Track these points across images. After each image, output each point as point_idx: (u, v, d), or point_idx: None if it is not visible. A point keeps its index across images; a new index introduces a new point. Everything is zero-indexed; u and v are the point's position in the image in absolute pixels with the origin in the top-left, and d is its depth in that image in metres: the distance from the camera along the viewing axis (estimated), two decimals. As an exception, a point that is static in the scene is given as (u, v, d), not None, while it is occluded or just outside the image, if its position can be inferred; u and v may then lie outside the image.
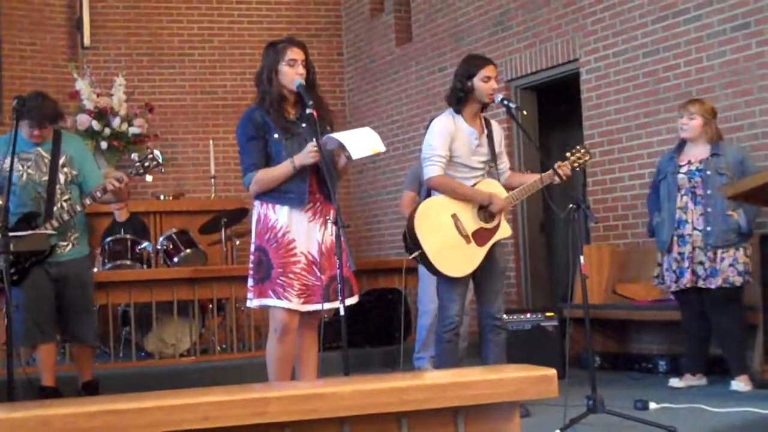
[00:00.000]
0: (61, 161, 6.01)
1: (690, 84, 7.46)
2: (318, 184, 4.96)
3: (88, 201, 5.90)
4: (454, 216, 5.50)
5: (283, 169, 4.89)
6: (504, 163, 5.80)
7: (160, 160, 5.89)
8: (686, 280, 6.27)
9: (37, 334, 5.96)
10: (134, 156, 6.06)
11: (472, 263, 5.50)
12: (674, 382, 6.49)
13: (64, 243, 6.01)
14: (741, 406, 5.41)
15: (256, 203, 5.04)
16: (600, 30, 8.30)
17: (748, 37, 7.02)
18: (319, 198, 4.98)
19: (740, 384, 6.12)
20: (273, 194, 4.94)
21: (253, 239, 5.03)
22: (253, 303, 4.99)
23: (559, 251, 9.89)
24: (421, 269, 7.22)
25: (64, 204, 5.96)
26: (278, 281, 4.87)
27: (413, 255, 5.54)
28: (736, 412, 5.31)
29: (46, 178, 5.96)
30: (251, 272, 5.00)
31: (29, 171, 5.95)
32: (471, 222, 5.52)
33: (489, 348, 5.63)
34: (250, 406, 2.88)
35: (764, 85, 6.92)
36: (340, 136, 4.88)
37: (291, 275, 4.87)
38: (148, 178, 6.07)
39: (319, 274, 4.92)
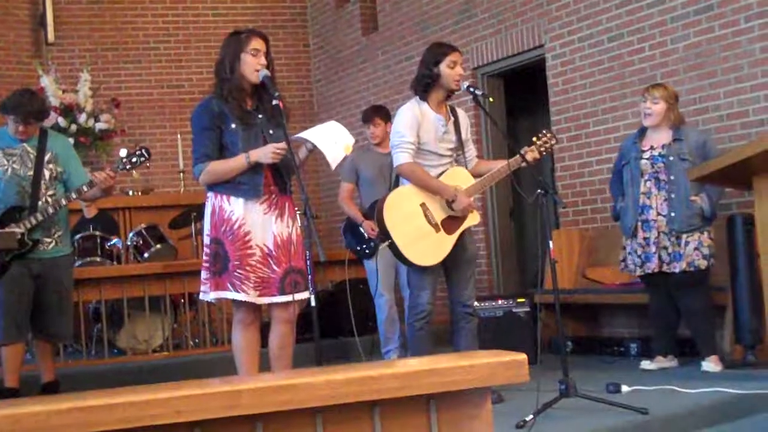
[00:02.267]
0: (46, 158, 6.02)
1: (655, 67, 7.51)
2: (273, 177, 4.96)
3: (73, 195, 5.91)
4: (422, 205, 5.51)
5: (236, 162, 4.87)
6: (471, 150, 5.81)
7: (148, 156, 5.88)
8: (654, 265, 6.31)
9: (14, 332, 5.93)
10: (122, 152, 6.05)
11: (442, 252, 5.51)
12: (646, 364, 6.53)
13: (48, 240, 6.00)
14: (712, 386, 5.45)
15: (210, 194, 5.01)
16: (564, 15, 8.33)
17: (711, 19, 7.07)
18: (275, 190, 4.97)
19: (710, 365, 6.17)
20: (227, 185, 4.92)
21: (207, 231, 5.01)
22: (209, 296, 4.99)
23: (529, 237, 9.94)
24: (366, 265, 7.25)
25: (49, 199, 5.98)
26: (236, 274, 4.87)
27: (384, 245, 5.54)
28: (707, 392, 5.35)
29: (31, 173, 5.97)
30: (206, 264, 4.98)
31: (14, 166, 5.96)
32: (440, 210, 5.53)
33: (461, 335, 5.65)
34: (221, 399, 2.87)
35: (728, 67, 6.97)
36: (312, 137, 4.86)
37: (247, 267, 4.88)
38: (134, 173, 6.07)
39: (274, 266, 4.92)
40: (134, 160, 5.82)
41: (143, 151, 5.86)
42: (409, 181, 5.58)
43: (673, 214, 6.26)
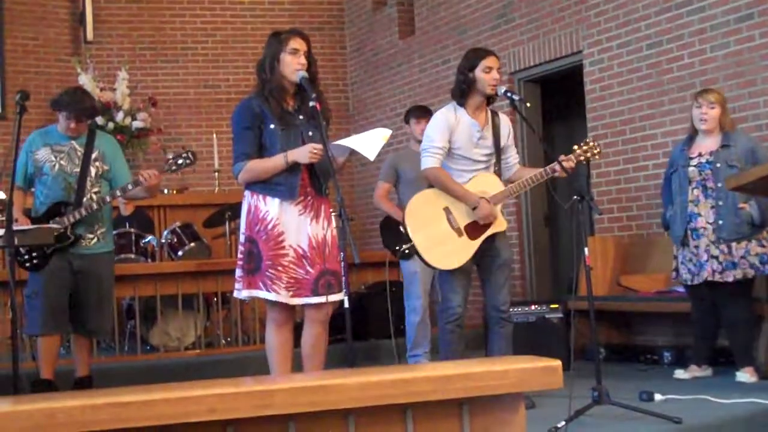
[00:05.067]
0: (93, 155, 6.13)
1: (694, 75, 7.45)
2: (310, 179, 4.98)
3: (118, 193, 6.02)
4: (446, 209, 5.52)
5: (275, 162, 4.90)
6: (512, 156, 5.77)
7: (194, 160, 6.03)
8: (707, 273, 6.18)
9: (51, 324, 6.01)
10: (169, 154, 6.16)
11: (463, 256, 5.50)
12: (679, 373, 6.48)
13: (91, 236, 6.08)
14: (746, 397, 5.40)
15: (247, 193, 5.05)
16: (603, 22, 8.29)
17: (752, 28, 7.01)
18: (311, 192, 4.99)
19: (746, 375, 6.11)
20: (263, 185, 4.95)
21: (242, 230, 5.05)
22: (242, 294, 5.02)
23: (564, 243, 9.88)
24: (403, 266, 7.19)
25: (94, 196, 6.07)
26: (267, 273, 4.89)
27: (404, 247, 5.55)
28: (741, 403, 5.30)
29: (77, 169, 6.08)
30: (240, 263, 5.01)
31: (62, 162, 6.07)
32: (464, 215, 5.53)
33: (495, 340, 5.65)
34: (255, 399, 2.88)
35: (768, 75, 6.92)
36: (348, 142, 4.90)
37: (280, 268, 4.90)
38: (179, 175, 6.17)
39: (308, 267, 4.93)
40: (180, 162, 5.99)
41: (189, 154, 6.04)
42: (433, 185, 5.58)
43: (720, 222, 6.15)
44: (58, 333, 6.14)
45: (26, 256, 5.95)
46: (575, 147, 5.60)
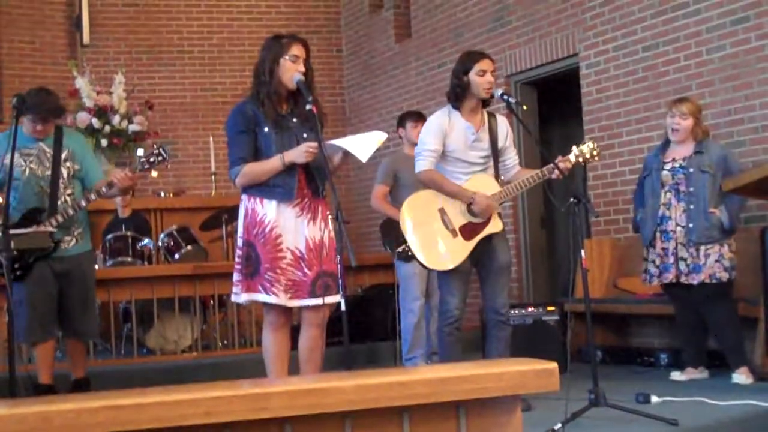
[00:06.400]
0: (63, 156, 5.99)
1: (690, 78, 7.46)
2: (306, 180, 4.99)
3: (93, 196, 5.87)
4: (441, 210, 5.54)
5: (272, 164, 4.90)
6: (511, 158, 5.77)
7: (167, 156, 5.83)
8: (671, 275, 6.31)
9: (38, 332, 5.94)
10: (140, 151, 6.04)
11: (457, 257, 5.51)
12: (676, 375, 6.49)
13: (68, 238, 5.99)
14: (742, 399, 5.40)
15: (244, 197, 5.05)
16: (599, 24, 8.30)
17: (748, 30, 7.02)
18: (307, 194, 5.00)
19: (741, 377, 6.12)
20: (261, 188, 4.95)
21: (240, 233, 5.04)
22: (240, 298, 5.01)
23: (560, 245, 9.90)
24: (401, 268, 7.18)
25: (68, 198, 5.96)
26: (266, 276, 4.90)
27: (400, 248, 5.57)
28: (737, 405, 5.30)
29: (48, 172, 5.94)
30: (238, 266, 5.01)
31: (32, 166, 5.93)
32: (459, 216, 5.54)
33: (493, 343, 5.65)
34: (251, 401, 2.89)
35: (764, 78, 6.92)
36: (342, 142, 4.91)
37: (278, 270, 4.90)
38: (153, 173, 6.02)
39: (306, 269, 4.93)
40: (152, 159, 5.76)
41: (161, 150, 5.79)
42: (428, 187, 5.60)
43: (691, 225, 6.23)
44: (46, 339, 6.03)
45: None
46: (573, 147, 5.62)
